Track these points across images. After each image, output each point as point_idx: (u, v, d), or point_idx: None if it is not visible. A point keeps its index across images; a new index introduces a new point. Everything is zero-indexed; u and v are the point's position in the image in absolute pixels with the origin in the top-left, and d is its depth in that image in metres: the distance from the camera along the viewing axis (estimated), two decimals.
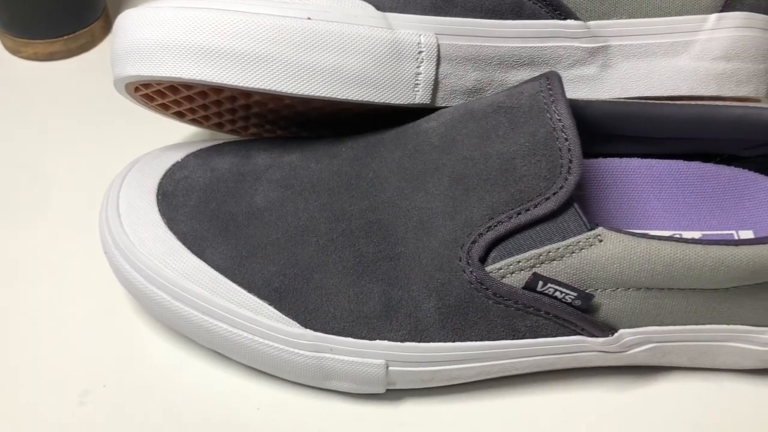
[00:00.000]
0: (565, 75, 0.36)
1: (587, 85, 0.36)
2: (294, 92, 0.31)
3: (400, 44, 0.31)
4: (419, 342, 0.30)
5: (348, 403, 0.32)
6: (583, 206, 0.35)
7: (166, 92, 0.33)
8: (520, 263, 0.29)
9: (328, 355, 0.30)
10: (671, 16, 0.36)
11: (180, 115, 0.36)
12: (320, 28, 0.30)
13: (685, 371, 0.33)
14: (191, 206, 0.32)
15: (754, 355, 0.32)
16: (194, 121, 0.37)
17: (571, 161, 0.28)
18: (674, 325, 0.30)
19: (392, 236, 0.30)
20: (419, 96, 0.33)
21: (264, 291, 0.30)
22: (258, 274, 0.30)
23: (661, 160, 0.36)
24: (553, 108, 0.29)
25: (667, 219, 0.35)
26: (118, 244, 0.31)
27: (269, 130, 0.38)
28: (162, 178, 0.33)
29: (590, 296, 0.29)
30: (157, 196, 0.32)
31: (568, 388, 0.33)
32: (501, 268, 0.29)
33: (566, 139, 0.29)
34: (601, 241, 0.28)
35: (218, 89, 0.32)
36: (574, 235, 0.29)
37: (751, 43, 0.37)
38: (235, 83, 0.30)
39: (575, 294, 0.29)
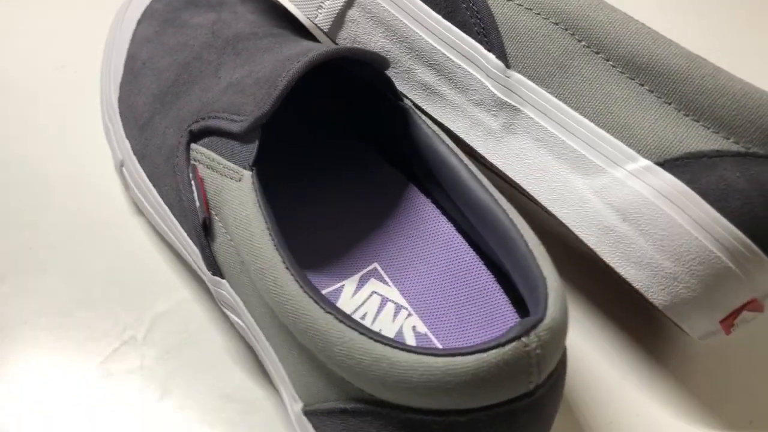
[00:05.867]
0: (468, 112, 0.33)
1: (483, 136, 0.32)
2: None
3: None
4: (139, 160, 0.34)
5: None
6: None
7: None
8: (203, 156, 0.31)
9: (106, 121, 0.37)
10: (604, 130, 0.30)
11: None
12: None
13: None
14: (160, 11, 0.40)
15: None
16: None
17: (268, 99, 0.29)
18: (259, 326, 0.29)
19: (193, 86, 0.34)
20: (320, 18, 0.34)
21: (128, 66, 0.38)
22: (140, 62, 0.38)
23: (458, 235, 0.31)
24: (308, 57, 0.29)
25: (412, 286, 0.31)
26: (118, 14, 0.42)
27: None
28: None
29: (205, 216, 0.29)
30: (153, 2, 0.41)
31: None
32: (194, 151, 0.31)
33: (281, 81, 0.29)
34: (239, 181, 0.29)
35: None
36: (238, 164, 0.29)
37: (666, 223, 0.28)
38: None
39: (199, 204, 0.30)
